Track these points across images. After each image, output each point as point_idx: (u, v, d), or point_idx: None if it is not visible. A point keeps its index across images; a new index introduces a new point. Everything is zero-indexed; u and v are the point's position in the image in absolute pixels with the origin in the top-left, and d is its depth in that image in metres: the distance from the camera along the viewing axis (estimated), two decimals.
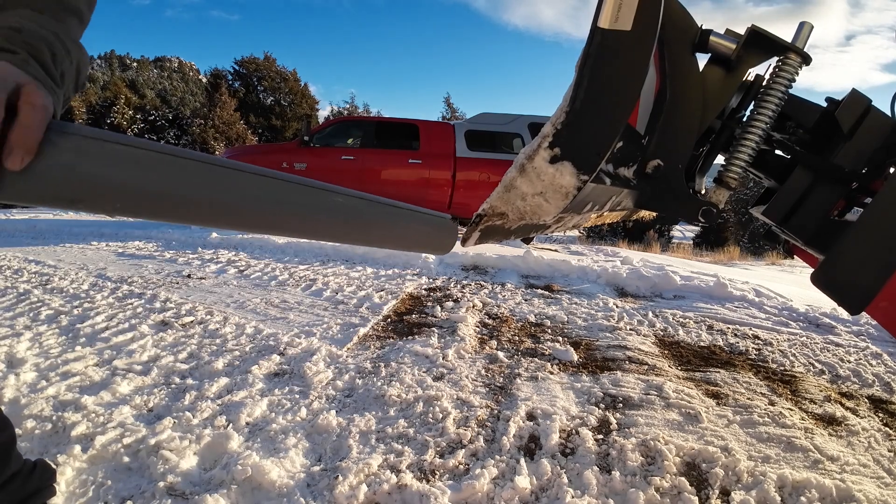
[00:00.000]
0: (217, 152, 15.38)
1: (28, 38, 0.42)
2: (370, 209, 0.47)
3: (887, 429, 1.54)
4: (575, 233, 19.19)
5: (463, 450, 1.26)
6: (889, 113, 0.93)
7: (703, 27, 0.82)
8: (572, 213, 0.62)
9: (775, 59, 0.83)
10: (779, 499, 1.12)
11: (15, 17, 0.44)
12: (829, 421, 1.56)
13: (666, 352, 2.15)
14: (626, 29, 0.47)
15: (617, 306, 2.88)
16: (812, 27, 0.80)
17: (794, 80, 0.82)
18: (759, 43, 0.81)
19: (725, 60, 0.82)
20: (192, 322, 2.18)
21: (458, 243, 0.59)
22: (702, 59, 0.84)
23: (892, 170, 0.95)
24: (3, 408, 1.32)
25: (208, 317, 2.26)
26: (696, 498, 1.12)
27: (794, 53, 0.80)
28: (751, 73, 0.92)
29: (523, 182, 0.50)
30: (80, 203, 0.35)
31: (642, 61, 0.48)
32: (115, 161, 0.35)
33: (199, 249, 4.33)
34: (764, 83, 0.85)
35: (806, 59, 0.81)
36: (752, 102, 0.89)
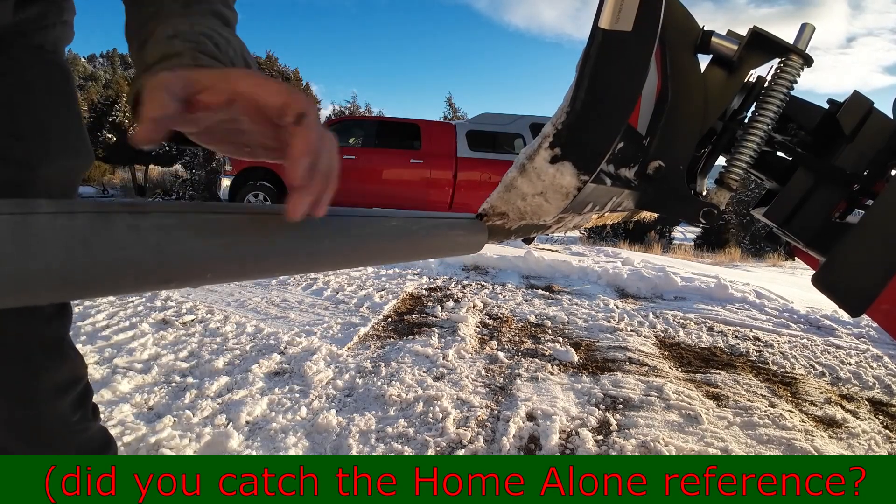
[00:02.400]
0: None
1: (187, 38, 0.40)
2: (416, 226, 0.49)
3: (887, 431, 1.54)
4: (576, 233, 19.19)
5: (463, 450, 1.26)
6: (891, 115, 0.93)
7: (705, 28, 0.82)
8: (573, 214, 0.62)
9: (777, 60, 0.83)
10: None
11: (167, 27, 0.42)
12: (830, 423, 1.56)
13: (666, 353, 2.15)
14: (626, 29, 0.47)
15: (617, 307, 2.87)
16: (814, 29, 0.80)
17: (795, 82, 0.82)
18: (760, 44, 0.81)
19: (727, 62, 0.82)
20: (192, 321, 2.18)
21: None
22: (703, 61, 0.84)
23: (893, 172, 0.95)
24: None
25: (209, 315, 2.26)
26: None
27: (795, 55, 0.80)
28: (753, 75, 0.91)
29: (524, 182, 0.50)
30: (173, 282, 0.33)
31: (643, 62, 0.48)
32: (199, 232, 0.34)
33: None
34: (766, 85, 0.85)
35: (808, 61, 0.81)
36: (754, 104, 0.89)
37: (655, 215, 1.12)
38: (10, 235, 0.26)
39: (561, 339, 2.22)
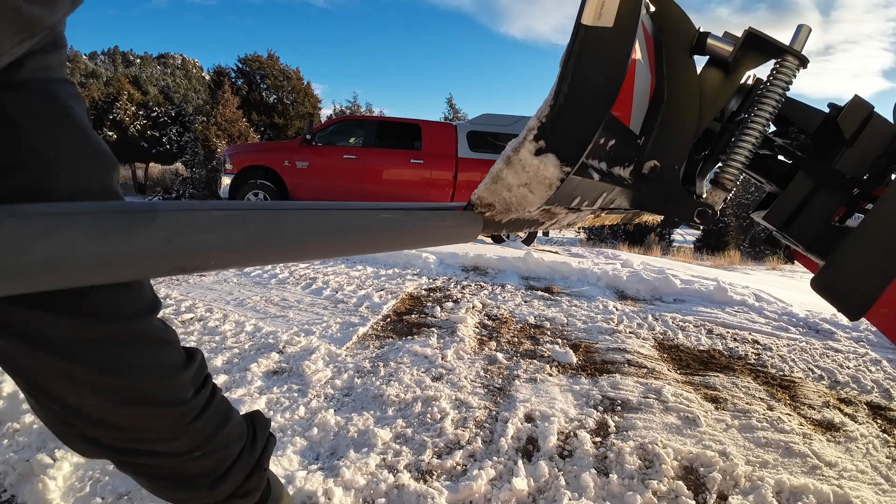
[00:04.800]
0: (219, 150, 15.40)
1: None
2: (407, 217, 0.52)
3: (885, 435, 1.54)
4: (576, 235, 19.21)
5: (461, 451, 1.26)
6: (891, 119, 0.93)
7: (701, 30, 0.82)
8: (563, 208, 0.63)
9: (773, 61, 0.84)
10: None
11: None
12: (828, 427, 1.56)
13: (665, 355, 2.15)
14: (608, 25, 0.49)
15: (617, 309, 2.87)
16: (810, 30, 0.80)
17: (791, 83, 0.82)
18: (756, 45, 0.81)
19: (723, 63, 0.83)
20: (191, 319, 2.18)
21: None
22: (701, 63, 0.85)
23: (893, 176, 0.95)
24: (2, 403, 1.32)
25: (208, 314, 2.26)
26: (694, 502, 1.12)
27: (791, 56, 0.80)
28: (751, 76, 0.92)
29: (509, 173, 0.52)
30: (182, 270, 0.38)
31: (623, 57, 0.50)
32: (203, 226, 0.39)
33: None
34: (762, 86, 0.86)
35: (803, 62, 0.81)
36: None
37: (658, 218, 1.12)
38: (44, 232, 0.32)
39: (560, 341, 2.22)
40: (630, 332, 2.42)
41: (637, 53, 0.65)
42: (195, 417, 0.64)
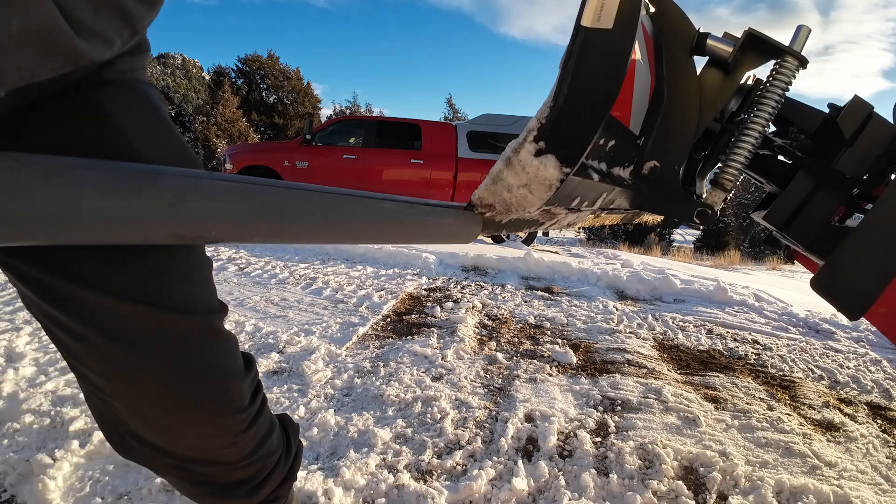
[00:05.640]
0: (219, 150, 15.42)
1: None
2: (409, 210, 0.52)
3: (885, 435, 1.54)
4: (576, 235, 19.22)
5: (461, 451, 1.26)
6: (891, 120, 0.93)
7: (701, 30, 0.82)
8: (562, 208, 0.63)
9: (773, 62, 0.84)
10: None
11: None
12: (828, 427, 1.56)
13: (665, 355, 2.15)
14: (607, 27, 0.49)
15: (617, 309, 2.87)
16: (810, 30, 0.80)
17: (790, 83, 0.82)
18: (756, 46, 0.81)
19: (723, 63, 0.83)
20: None
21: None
22: (700, 63, 0.85)
23: (893, 176, 0.95)
24: (1, 403, 1.32)
25: None
26: (694, 502, 1.12)
27: (790, 56, 0.80)
28: (751, 77, 0.92)
29: (509, 174, 0.52)
30: (183, 237, 0.38)
31: (623, 58, 0.50)
32: (208, 195, 0.39)
33: None
34: (762, 86, 0.86)
35: (803, 62, 0.81)
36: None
37: (658, 218, 1.12)
38: (44, 179, 0.32)
39: (560, 341, 2.22)
40: (630, 332, 2.42)
41: (637, 54, 0.65)
42: (249, 425, 0.62)
